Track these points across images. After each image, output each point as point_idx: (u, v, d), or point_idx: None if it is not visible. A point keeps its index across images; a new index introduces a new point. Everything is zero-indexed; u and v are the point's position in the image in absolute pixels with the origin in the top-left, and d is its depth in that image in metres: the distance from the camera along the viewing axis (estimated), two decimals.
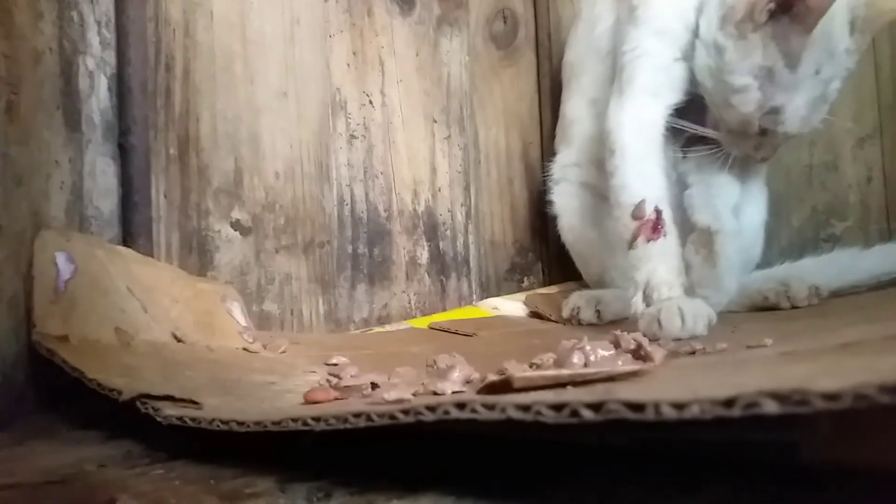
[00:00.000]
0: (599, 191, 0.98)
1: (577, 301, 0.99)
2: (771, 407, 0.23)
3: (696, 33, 0.84)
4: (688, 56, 0.86)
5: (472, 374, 0.46)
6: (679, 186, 0.94)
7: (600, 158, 0.89)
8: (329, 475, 0.38)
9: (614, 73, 0.91)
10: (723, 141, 0.88)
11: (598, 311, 0.96)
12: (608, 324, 0.93)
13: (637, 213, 0.80)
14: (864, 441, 0.29)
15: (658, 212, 0.80)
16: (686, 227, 0.90)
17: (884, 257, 1.02)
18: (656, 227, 0.79)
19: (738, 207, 0.96)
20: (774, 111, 0.81)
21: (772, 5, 0.75)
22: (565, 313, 0.99)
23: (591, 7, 1.03)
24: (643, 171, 0.83)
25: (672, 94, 0.87)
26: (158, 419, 0.44)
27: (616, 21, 0.95)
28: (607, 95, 0.90)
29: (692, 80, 0.87)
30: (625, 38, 0.88)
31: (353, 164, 1.01)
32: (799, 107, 0.81)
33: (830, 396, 0.22)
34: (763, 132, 0.84)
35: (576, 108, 1.07)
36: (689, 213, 0.91)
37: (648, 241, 0.79)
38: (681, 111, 0.88)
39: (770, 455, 0.32)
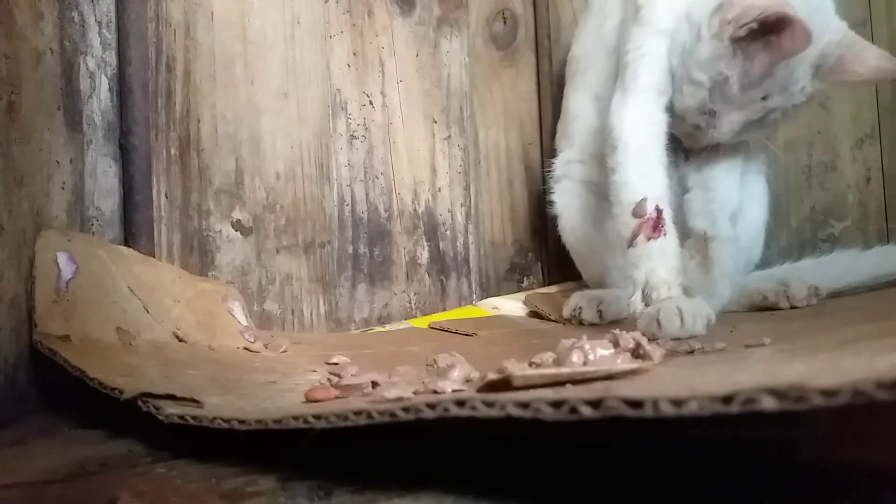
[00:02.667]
0: (601, 189, 0.98)
1: (579, 301, 0.99)
2: (769, 403, 0.23)
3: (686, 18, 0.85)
4: None
5: (471, 373, 0.46)
6: (679, 190, 0.94)
7: (603, 155, 0.89)
8: (330, 474, 0.38)
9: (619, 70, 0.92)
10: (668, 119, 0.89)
11: (599, 311, 0.96)
12: (609, 324, 0.93)
13: (638, 211, 0.80)
14: (862, 439, 0.30)
15: (659, 210, 0.80)
16: (684, 231, 0.90)
17: (883, 259, 1.03)
18: (657, 226, 0.79)
19: (736, 213, 0.97)
20: (711, 114, 0.84)
21: (754, 25, 0.76)
22: (566, 313, 0.99)
23: (603, 1, 1.04)
24: (645, 169, 0.83)
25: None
26: (160, 418, 0.44)
27: (622, 19, 0.96)
28: (612, 92, 0.90)
29: None
30: (629, 37, 0.89)
31: (353, 164, 1.01)
32: (733, 121, 0.84)
33: (828, 392, 0.22)
34: (696, 126, 0.87)
35: (580, 104, 1.07)
36: (687, 217, 0.92)
37: (649, 239, 0.79)
38: None
39: (770, 455, 0.32)
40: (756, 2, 0.76)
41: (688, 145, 0.92)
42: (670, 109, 0.88)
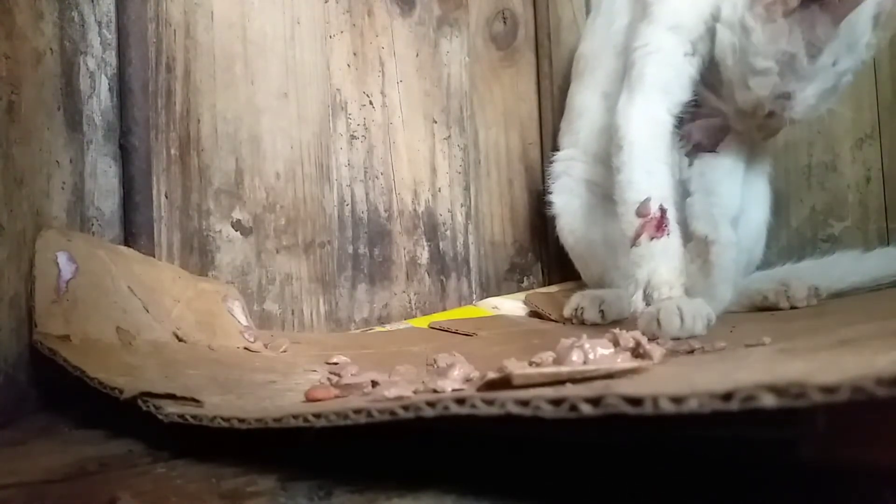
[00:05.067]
0: (602, 189, 0.98)
1: (581, 301, 0.98)
2: (769, 400, 0.23)
3: (714, 18, 0.84)
4: (698, 49, 0.86)
5: (471, 373, 0.46)
6: (681, 193, 0.94)
7: (607, 154, 0.89)
8: (330, 474, 0.38)
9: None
10: (730, 116, 0.88)
11: (602, 311, 0.96)
12: (611, 323, 0.93)
13: (642, 211, 0.80)
14: (862, 438, 0.30)
15: (663, 210, 0.80)
16: (686, 235, 0.90)
17: (884, 261, 1.02)
18: (660, 226, 0.79)
19: (738, 217, 0.96)
20: (785, 96, 0.82)
21: None
22: (567, 313, 0.99)
23: (612, 1, 1.03)
24: (650, 169, 0.83)
25: (681, 92, 0.87)
26: (160, 417, 0.44)
27: (631, 20, 0.96)
28: (620, 90, 0.90)
29: (703, 75, 0.87)
30: (637, 35, 0.89)
31: (353, 164, 1.01)
32: (809, 96, 0.82)
33: (828, 389, 0.22)
34: (769, 115, 0.85)
35: (586, 102, 1.06)
36: (689, 221, 0.91)
37: (652, 239, 0.79)
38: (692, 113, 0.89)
39: (770, 455, 0.32)
40: None
41: (762, 138, 0.90)
42: (732, 107, 0.87)
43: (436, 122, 1.13)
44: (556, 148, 1.14)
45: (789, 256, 1.10)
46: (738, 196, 0.96)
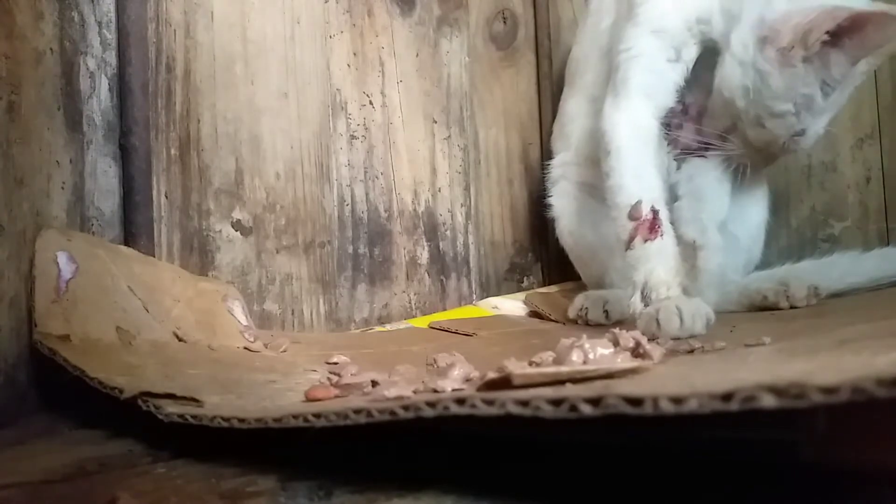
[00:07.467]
0: (598, 191, 0.98)
1: (584, 301, 0.98)
2: (769, 401, 0.23)
3: (704, 31, 0.84)
4: (682, 56, 0.86)
5: (471, 373, 0.46)
6: (670, 198, 0.93)
7: (598, 157, 0.89)
8: (330, 474, 0.38)
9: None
10: (735, 149, 0.89)
11: (605, 312, 0.96)
12: (614, 324, 0.93)
13: (634, 214, 0.80)
14: (862, 439, 0.30)
15: (655, 212, 0.80)
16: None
17: (883, 261, 1.03)
18: (653, 228, 0.79)
19: (725, 222, 0.96)
20: (800, 133, 0.83)
21: (826, 36, 0.75)
22: (572, 314, 0.99)
23: (600, 1, 1.03)
24: (639, 172, 0.83)
25: (666, 98, 0.87)
26: (160, 417, 0.44)
27: (616, 19, 0.95)
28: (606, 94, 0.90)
29: (689, 80, 0.87)
30: (622, 37, 0.88)
31: (353, 164, 1.01)
32: (819, 128, 0.84)
33: (828, 390, 0.22)
34: (782, 147, 0.86)
35: (577, 106, 1.06)
36: (677, 225, 0.91)
37: (646, 241, 0.79)
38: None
39: (770, 455, 0.32)
40: (807, 16, 0.75)
41: (764, 165, 0.93)
42: (740, 143, 0.88)
43: (436, 122, 1.13)
44: (550, 152, 1.14)
45: (789, 256, 1.10)
46: (727, 199, 0.96)
